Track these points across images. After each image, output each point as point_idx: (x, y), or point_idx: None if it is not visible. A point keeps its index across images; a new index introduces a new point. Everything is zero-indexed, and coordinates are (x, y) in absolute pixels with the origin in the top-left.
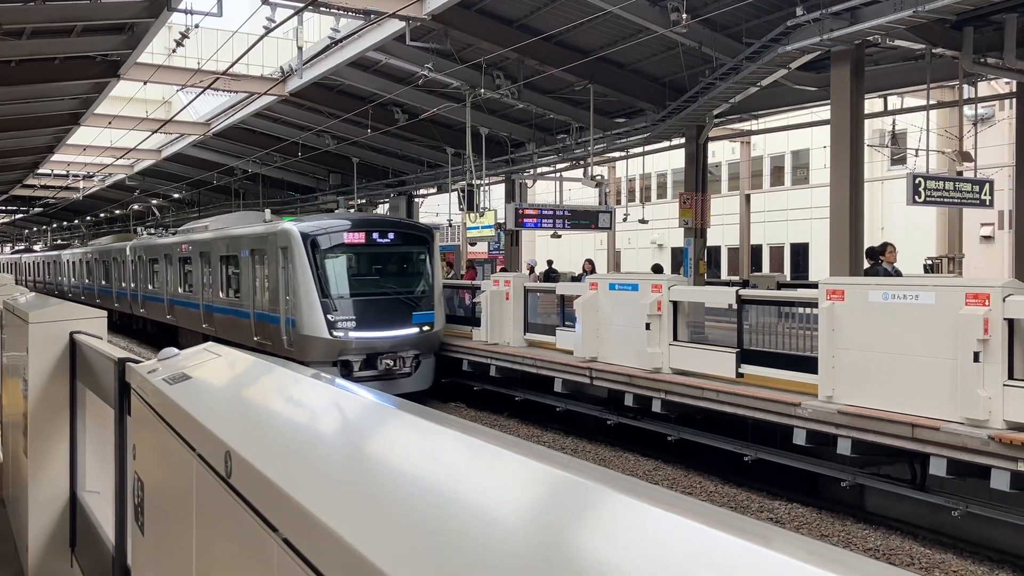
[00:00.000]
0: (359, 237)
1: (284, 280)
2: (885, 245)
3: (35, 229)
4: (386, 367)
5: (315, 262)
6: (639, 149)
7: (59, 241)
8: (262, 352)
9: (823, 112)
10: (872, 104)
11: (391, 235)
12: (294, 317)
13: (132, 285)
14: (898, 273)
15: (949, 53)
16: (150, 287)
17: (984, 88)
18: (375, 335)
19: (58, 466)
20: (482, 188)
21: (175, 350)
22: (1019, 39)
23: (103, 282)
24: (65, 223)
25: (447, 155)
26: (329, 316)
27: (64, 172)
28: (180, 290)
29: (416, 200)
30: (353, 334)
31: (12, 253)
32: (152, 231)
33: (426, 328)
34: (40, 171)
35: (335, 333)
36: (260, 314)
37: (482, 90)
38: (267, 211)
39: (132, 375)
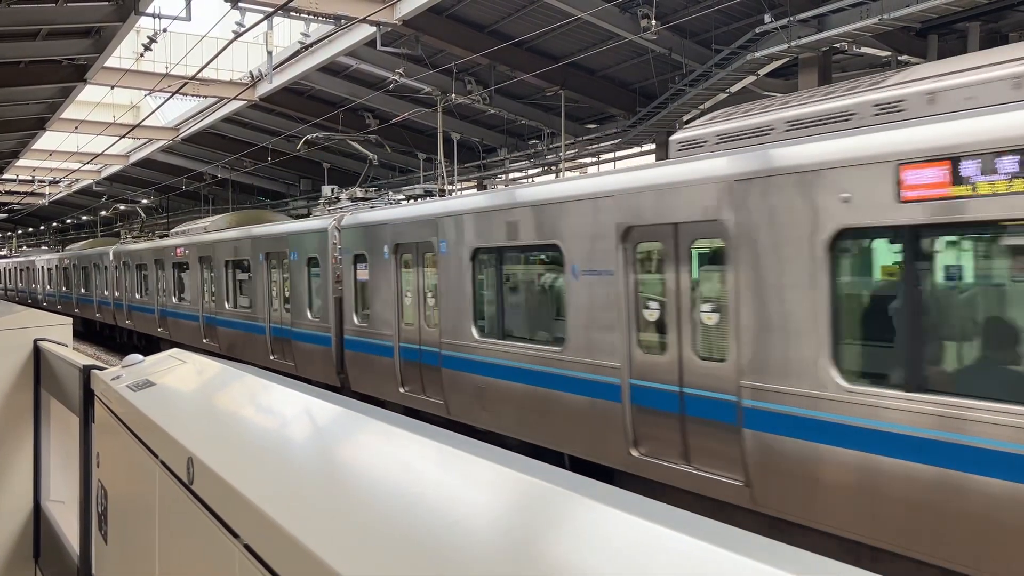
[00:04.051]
0: None
1: None
2: None
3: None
4: None
5: None
6: (610, 155)
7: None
8: None
9: None
10: None
11: None
12: None
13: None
14: None
15: (914, 60)
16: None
17: None
18: None
19: (22, 476)
20: (454, 194)
21: (140, 356)
22: (982, 47)
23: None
24: (31, 229)
25: (419, 160)
26: None
27: (30, 177)
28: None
29: None
30: None
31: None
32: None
33: None
34: (4, 176)
35: None
36: None
37: (453, 95)
38: None
39: (97, 382)
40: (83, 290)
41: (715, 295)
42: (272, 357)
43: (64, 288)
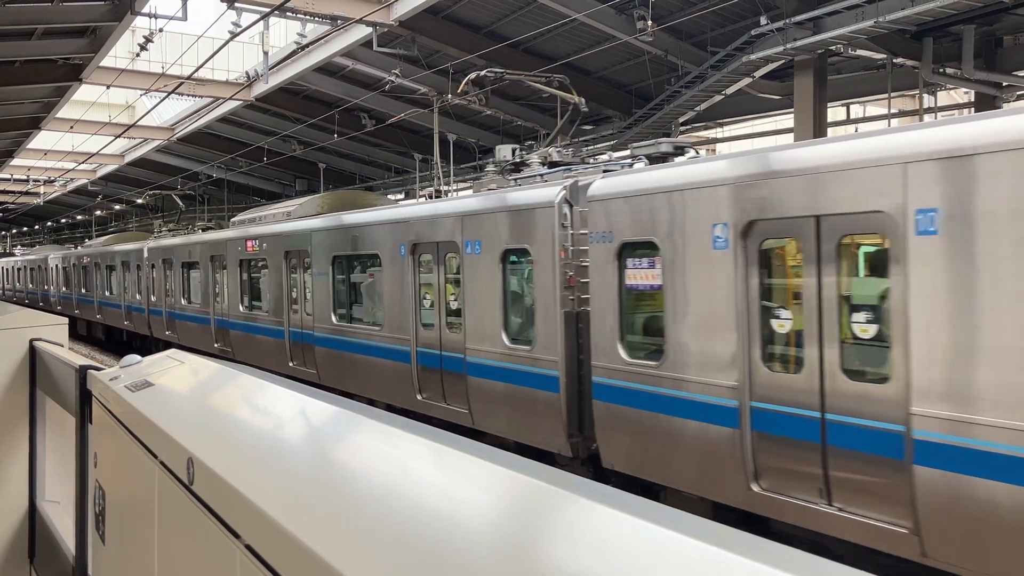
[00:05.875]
0: None
1: None
2: None
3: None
4: None
5: None
6: (606, 156)
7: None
8: None
9: (787, 120)
10: (835, 112)
11: None
12: None
13: None
14: None
15: (909, 63)
16: None
17: (943, 97)
18: None
19: (17, 476)
20: (450, 194)
21: (137, 357)
22: (977, 50)
23: None
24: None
25: (415, 161)
26: None
27: (24, 177)
28: None
29: None
30: None
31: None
32: None
33: None
34: None
35: None
36: None
37: (449, 96)
38: None
39: (94, 383)
40: (108, 293)
41: None
42: (422, 396)
43: (83, 290)
